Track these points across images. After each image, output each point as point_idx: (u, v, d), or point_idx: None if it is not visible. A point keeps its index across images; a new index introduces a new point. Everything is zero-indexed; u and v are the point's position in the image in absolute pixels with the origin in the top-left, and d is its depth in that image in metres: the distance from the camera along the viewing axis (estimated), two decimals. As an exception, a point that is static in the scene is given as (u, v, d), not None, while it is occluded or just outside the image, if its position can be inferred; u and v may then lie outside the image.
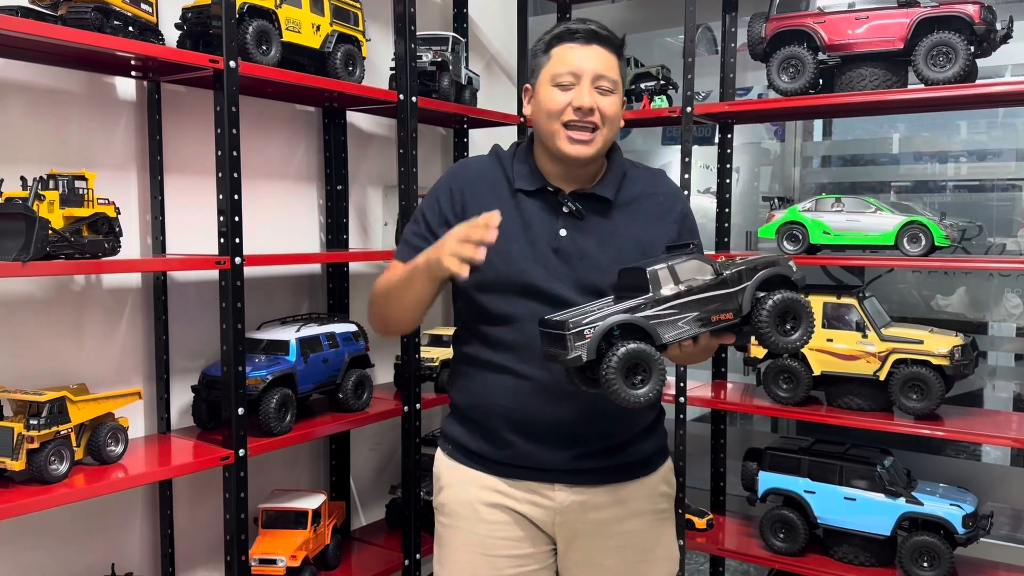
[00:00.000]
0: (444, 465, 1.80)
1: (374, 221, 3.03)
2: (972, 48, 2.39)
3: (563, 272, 1.64)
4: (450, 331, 2.71)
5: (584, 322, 1.40)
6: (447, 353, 2.76)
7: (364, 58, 2.54)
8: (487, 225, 1.46)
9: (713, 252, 2.96)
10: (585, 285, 1.63)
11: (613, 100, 1.66)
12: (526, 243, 1.66)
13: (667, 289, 1.46)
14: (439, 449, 1.83)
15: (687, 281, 1.47)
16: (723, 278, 1.49)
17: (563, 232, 1.66)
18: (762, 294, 1.49)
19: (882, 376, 2.55)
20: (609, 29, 1.68)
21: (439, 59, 2.76)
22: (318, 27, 2.38)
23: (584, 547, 1.71)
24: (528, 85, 1.74)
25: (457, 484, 1.75)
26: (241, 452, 2.13)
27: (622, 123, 1.72)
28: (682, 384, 2.80)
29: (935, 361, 2.48)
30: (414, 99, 2.62)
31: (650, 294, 1.44)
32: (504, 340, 1.66)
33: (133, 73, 2.22)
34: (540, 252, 1.65)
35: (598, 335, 1.39)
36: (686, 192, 2.71)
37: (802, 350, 2.63)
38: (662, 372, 1.41)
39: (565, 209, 1.67)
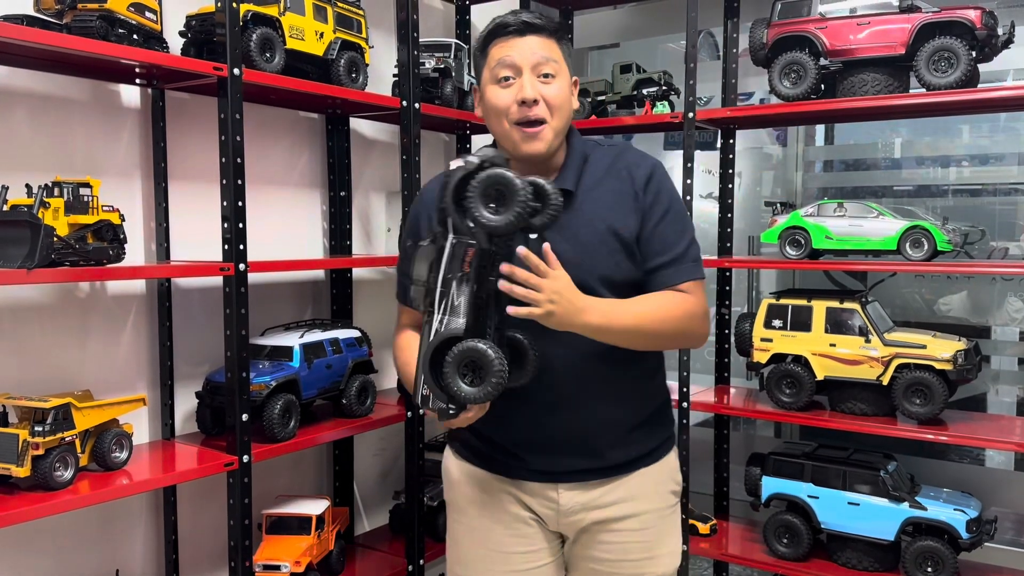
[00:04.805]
0: (453, 463, 1.82)
1: (377, 227, 3.03)
2: (974, 53, 2.40)
3: None
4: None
5: (419, 388, 1.48)
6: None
7: (367, 65, 2.54)
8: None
9: (716, 257, 2.96)
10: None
11: (558, 85, 1.61)
12: None
13: (426, 297, 1.47)
14: (447, 447, 1.86)
15: (427, 272, 1.47)
16: (434, 238, 1.46)
17: (533, 236, 1.53)
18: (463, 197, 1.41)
19: (885, 381, 2.55)
20: (546, 16, 1.65)
21: (442, 65, 2.77)
22: (321, 34, 2.39)
23: (589, 543, 1.71)
24: (475, 86, 1.71)
25: (466, 483, 1.76)
26: (245, 458, 2.13)
27: (576, 104, 1.68)
28: (685, 389, 2.80)
29: (938, 366, 2.47)
30: (417, 105, 2.62)
31: (432, 313, 1.46)
32: None
33: (137, 81, 2.23)
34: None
35: (431, 384, 1.46)
36: (688, 197, 2.71)
37: (805, 355, 2.65)
38: (480, 354, 1.40)
39: None
